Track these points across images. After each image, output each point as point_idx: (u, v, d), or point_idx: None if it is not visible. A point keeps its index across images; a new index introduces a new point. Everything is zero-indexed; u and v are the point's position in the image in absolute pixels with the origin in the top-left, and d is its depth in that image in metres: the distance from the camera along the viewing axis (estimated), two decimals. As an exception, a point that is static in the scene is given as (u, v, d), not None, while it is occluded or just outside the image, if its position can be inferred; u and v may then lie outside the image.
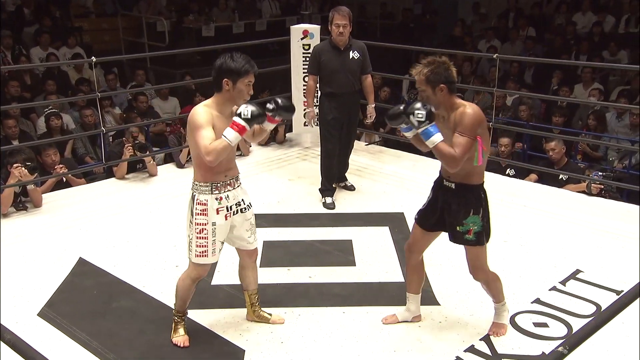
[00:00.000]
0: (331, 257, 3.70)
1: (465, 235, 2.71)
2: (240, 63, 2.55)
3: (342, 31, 4.24)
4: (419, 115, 2.52)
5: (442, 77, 2.57)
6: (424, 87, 2.59)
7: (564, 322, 2.99)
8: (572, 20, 9.65)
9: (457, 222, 2.70)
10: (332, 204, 4.43)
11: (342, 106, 4.39)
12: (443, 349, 2.82)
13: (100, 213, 4.30)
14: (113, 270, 3.53)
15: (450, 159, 2.55)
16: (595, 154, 6.37)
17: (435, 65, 2.58)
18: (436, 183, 2.81)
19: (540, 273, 3.45)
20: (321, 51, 4.39)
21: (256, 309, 3.01)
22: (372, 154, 5.59)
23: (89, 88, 7.04)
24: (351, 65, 4.34)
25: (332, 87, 4.37)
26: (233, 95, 2.58)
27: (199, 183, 2.65)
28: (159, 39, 9.31)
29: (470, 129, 2.55)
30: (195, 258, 2.71)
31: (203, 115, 2.53)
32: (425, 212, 2.83)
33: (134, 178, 4.93)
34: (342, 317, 3.08)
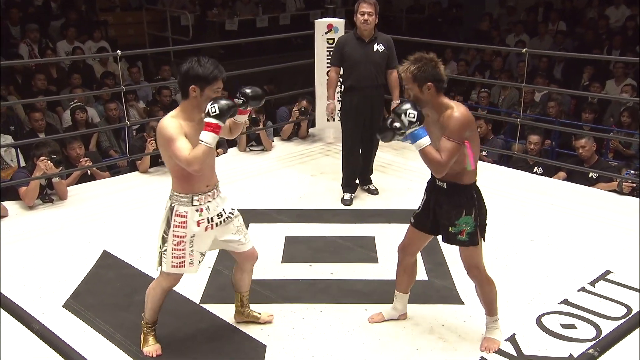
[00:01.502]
0: (353, 254, 3.69)
1: (458, 237, 2.66)
2: (208, 69, 2.41)
3: (367, 19, 4.16)
4: (410, 114, 2.45)
5: (429, 75, 2.49)
6: (411, 85, 2.53)
7: (593, 324, 2.94)
8: (604, 14, 9.44)
9: (449, 222, 2.66)
10: (349, 200, 4.39)
11: (364, 101, 4.29)
12: (467, 348, 2.80)
13: (124, 206, 4.36)
14: (136, 263, 3.58)
15: (436, 165, 2.51)
16: (627, 152, 6.24)
17: (423, 63, 2.51)
18: (429, 183, 2.76)
19: (569, 273, 3.39)
20: (345, 42, 4.33)
21: (245, 309, 2.98)
22: (396, 150, 5.56)
23: (114, 82, 7.14)
24: (375, 57, 4.25)
25: (353, 80, 4.28)
26: (200, 102, 2.44)
27: (179, 194, 2.55)
28: (182, 33, 9.38)
29: (458, 134, 2.48)
30: (172, 269, 2.62)
31: (172, 126, 2.42)
32: (420, 215, 2.79)
33: (157, 172, 4.99)
34: (364, 314, 3.07)
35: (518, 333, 2.88)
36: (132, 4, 10.26)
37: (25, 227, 4.02)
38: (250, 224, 4.07)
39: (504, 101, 7.78)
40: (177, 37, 9.31)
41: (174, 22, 9.69)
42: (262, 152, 5.47)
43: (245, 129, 5.37)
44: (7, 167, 5.37)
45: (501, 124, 7.01)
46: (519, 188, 4.60)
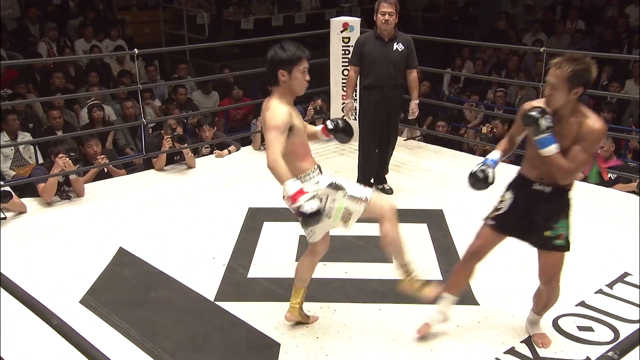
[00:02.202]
0: (367, 253, 3.69)
1: (555, 241, 2.58)
2: (291, 51, 2.50)
3: (387, 19, 4.15)
4: (548, 119, 2.41)
5: (583, 80, 2.39)
6: (562, 84, 2.38)
7: (611, 327, 2.91)
8: (624, 12, 9.32)
9: (547, 226, 2.58)
10: None
11: (383, 100, 4.28)
12: (482, 349, 2.78)
13: (140, 204, 4.40)
14: (152, 260, 3.61)
15: (563, 172, 2.47)
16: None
17: (583, 66, 2.38)
18: (518, 186, 2.66)
19: (586, 275, 3.36)
20: (364, 41, 4.30)
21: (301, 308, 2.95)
22: (411, 149, 5.54)
23: (130, 80, 7.20)
24: (394, 57, 4.24)
25: (371, 79, 4.27)
26: (291, 85, 2.53)
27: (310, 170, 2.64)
28: (198, 32, 9.42)
29: (593, 147, 2.46)
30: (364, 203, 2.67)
31: (285, 115, 2.46)
32: (505, 217, 2.66)
33: (172, 170, 5.03)
34: (378, 314, 3.07)
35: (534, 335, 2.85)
36: (148, 2, 10.34)
37: (43, 224, 4.07)
38: (264, 222, 4.09)
39: (520, 101, 7.71)
40: (193, 35, 9.36)
41: (190, 20, 9.73)
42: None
43: (260, 127, 5.39)
44: (25, 164, 5.44)
45: (518, 124, 6.94)
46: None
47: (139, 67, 8.02)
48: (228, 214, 4.23)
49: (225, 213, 4.25)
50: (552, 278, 2.67)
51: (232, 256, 3.66)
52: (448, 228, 3.98)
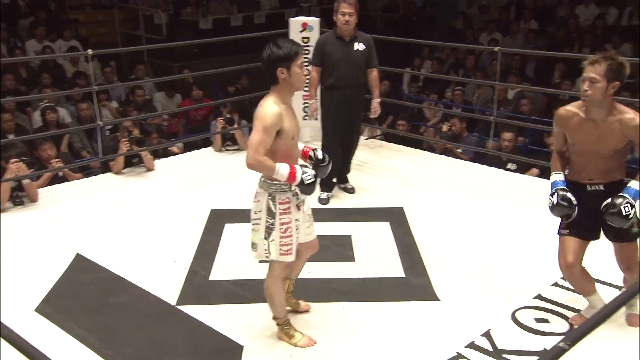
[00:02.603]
0: (330, 253, 3.70)
1: (633, 229, 2.68)
2: (287, 47, 2.49)
3: (347, 19, 4.15)
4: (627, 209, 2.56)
5: (621, 76, 2.54)
6: (601, 78, 2.52)
7: (565, 318, 3.00)
8: (574, 12, 9.63)
9: None
10: (326, 199, 4.39)
11: (345, 100, 4.28)
12: (444, 344, 2.83)
13: (97, 208, 4.30)
14: (110, 265, 3.53)
15: None
16: None
17: (619, 62, 2.54)
18: (574, 191, 2.72)
19: (542, 268, 3.45)
20: (325, 41, 4.30)
21: (290, 297, 3.01)
22: (372, 148, 5.59)
23: (86, 81, 7.03)
24: (355, 57, 4.25)
25: (333, 79, 4.27)
26: (291, 81, 2.52)
27: (278, 182, 2.56)
28: (156, 32, 9.28)
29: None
30: (280, 257, 2.64)
31: (275, 117, 2.46)
32: (579, 223, 2.73)
33: (130, 173, 4.93)
34: (342, 313, 3.08)
35: (493, 328, 2.92)
36: (103, 2, 10.12)
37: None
38: (226, 224, 4.05)
39: (478, 99, 7.88)
40: (151, 36, 9.22)
41: (147, 20, 9.58)
42: (238, 152, 5.45)
43: (221, 128, 5.35)
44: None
45: (475, 122, 7.10)
46: (493, 184, 4.67)
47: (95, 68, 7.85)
48: (189, 216, 4.18)
49: (186, 215, 4.20)
50: (632, 264, 2.77)
51: (194, 259, 3.62)
52: (409, 226, 4.04)
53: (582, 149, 2.69)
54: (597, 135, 2.62)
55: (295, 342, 2.79)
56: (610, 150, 2.64)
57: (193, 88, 7.28)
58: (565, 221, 2.77)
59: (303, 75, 2.56)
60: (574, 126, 2.69)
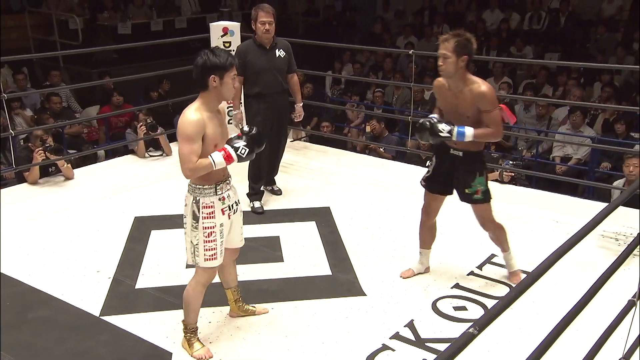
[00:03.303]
0: (259, 254, 3.68)
1: (474, 196, 3.06)
2: (223, 57, 2.49)
3: (267, 28, 4.13)
4: (443, 130, 2.90)
5: (468, 49, 2.83)
6: (450, 54, 2.81)
7: (481, 305, 3.14)
8: (481, 17, 10.11)
9: (465, 185, 3.05)
10: (260, 208, 4.32)
11: (271, 107, 4.24)
12: (370, 337, 2.88)
13: (12, 220, 4.04)
14: (28, 279, 3.34)
15: (493, 135, 2.95)
16: (506, 144, 6.71)
17: (465, 37, 2.83)
18: (439, 151, 3.10)
19: (459, 259, 3.60)
20: (246, 50, 4.22)
21: (240, 304, 3.00)
22: (298, 150, 5.61)
23: (-4, 89, 6.60)
24: (278, 64, 4.25)
25: (259, 87, 4.21)
26: (221, 91, 2.52)
27: (202, 186, 2.56)
28: (71, 37, 8.85)
29: (493, 103, 2.88)
30: (205, 262, 2.62)
31: (195, 125, 2.45)
32: (431, 179, 3.17)
33: (47, 183, 4.68)
34: (270, 313, 3.07)
35: (416, 318, 3.02)
36: (12, 6, 9.52)
37: None
38: (152, 231, 3.94)
39: (397, 100, 8.10)
40: (66, 41, 8.78)
41: (62, 25, 9.11)
42: (162, 157, 5.31)
43: (143, 134, 5.19)
44: None
45: (395, 122, 7.29)
46: (413, 181, 4.80)
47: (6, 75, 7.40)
48: (112, 224, 4.03)
49: (109, 224, 4.04)
50: (486, 221, 3.19)
51: (119, 268, 3.49)
52: (335, 224, 4.09)
53: (447, 115, 3.03)
54: (455, 103, 2.96)
55: (192, 352, 2.74)
56: (465, 118, 2.93)
57: (113, 94, 7.01)
58: (425, 175, 3.21)
59: (233, 88, 2.57)
60: (441, 95, 3.05)
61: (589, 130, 6.50)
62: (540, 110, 6.90)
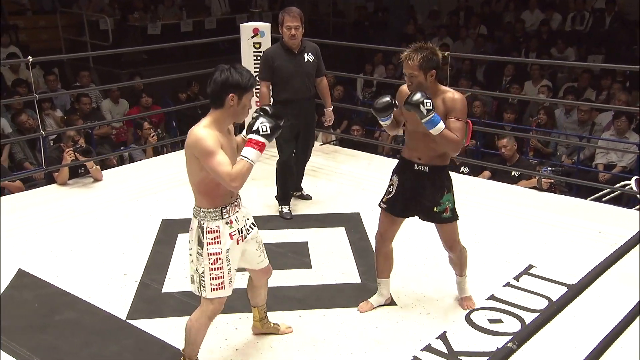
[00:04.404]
0: (286, 260, 3.69)
1: (443, 214, 2.90)
2: (246, 76, 2.36)
3: (294, 33, 4.05)
4: (427, 104, 2.64)
5: (433, 63, 2.73)
6: (417, 72, 2.71)
7: (518, 317, 3.08)
8: (520, 18, 9.96)
9: (434, 203, 2.87)
10: (288, 213, 4.30)
11: (299, 113, 4.18)
12: (400, 349, 2.85)
13: (41, 221, 4.15)
14: (55, 280, 3.41)
15: (455, 144, 2.72)
16: (545, 150, 6.60)
17: (429, 52, 2.72)
18: (401, 168, 2.93)
19: (494, 269, 3.54)
20: (273, 55, 4.16)
21: (265, 322, 2.92)
22: (327, 154, 5.61)
23: (27, 89, 6.79)
24: (307, 68, 4.19)
25: (288, 93, 4.15)
26: (237, 111, 2.38)
27: (207, 210, 2.42)
28: (102, 38, 9.07)
29: (463, 113, 2.75)
30: (212, 292, 2.46)
31: (210, 139, 2.29)
32: (394, 200, 2.94)
33: (77, 184, 4.78)
34: (298, 321, 3.07)
35: (448, 330, 2.97)
36: (44, 7, 9.80)
37: None
38: (179, 234, 3.98)
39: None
40: (96, 42, 8.99)
41: (93, 26, 9.34)
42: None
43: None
44: None
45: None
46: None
47: (37, 75, 7.60)
48: (139, 227, 4.09)
49: (136, 227, 4.10)
50: (453, 244, 3.01)
51: (145, 271, 3.54)
52: (365, 230, 4.06)
53: (412, 128, 2.86)
54: None
55: None
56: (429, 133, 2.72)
57: (142, 95, 7.14)
58: (385, 196, 2.98)
59: (248, 109, 2.43)
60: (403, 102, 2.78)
61: (635, 136, 6.33)
62: (582, 116, 6.76)
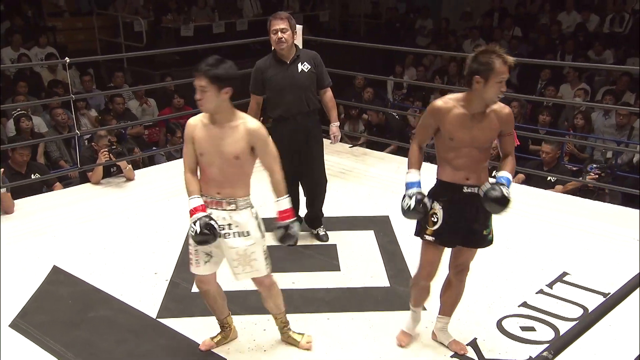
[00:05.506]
0: (315, 262, 3.70)
1: (489, 237, 2.68)
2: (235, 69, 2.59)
3: (281, 37, 3.60)
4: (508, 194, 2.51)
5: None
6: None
7: (551, 326, 3.03)
8: (556, 19, 9.79)
9: (484, 226, 2.64)
10: (325, 235, 4.00)
11: (297, 130, 3.73)
12: (430, 355, 2.84)
13: (75, 219, 4.25)
14: (89, 278, 3.49)
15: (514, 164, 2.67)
16: (582, 155, 6.45)
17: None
18: (444, 193, 2.61)
19: (527, 276, 3.49)
20: (264, 67, 3.75)
21: (284, 332, 2.91)
22: (357, 156, 5.61)
23: (63, 90, 6.97)
24: (301, 79, 3.70)
25: (280, 109, 3.74)
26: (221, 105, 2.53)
27: None
28: (136, 39, 9.24)
29: (512, 126, 2.62)
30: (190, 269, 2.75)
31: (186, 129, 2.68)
32: (442, 229, 2.60)
33: (110, 183, 4.89)
34: (326, 324, 3.08)
35: (479, 337, 2.94)
36: (82, 9, 10.05)
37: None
38: (208, 235, 4.02)
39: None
40: (131, 43, 9.18)
41: (127, 28, 9.53)
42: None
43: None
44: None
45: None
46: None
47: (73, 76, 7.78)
48: (170, 226, 4.15)
49: (167, 226, 4.17)
50: (468, 268, 2.77)
51: (175, 270, 3.59)
52: (394, 234, 4.05)
53: (459, 145, 2.54)
54: (475, 134, 2.51)
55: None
56: (480, 150, 2.55)
57: (174, 96, 7.25)
58: (428, 227, 2.63)
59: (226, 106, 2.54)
60: (453, 120, 2.52)
61: (675, 141, 6.16)
62: (621, 120, 6.59)
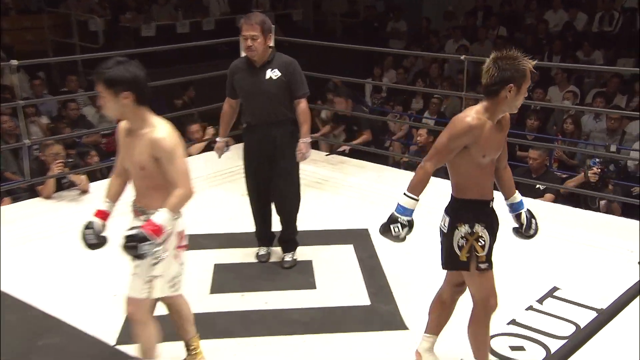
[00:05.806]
0: (289, 280, 3.70)
1: None
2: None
3: (250, 44, 3.55)
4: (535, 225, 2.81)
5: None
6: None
7: (542, 344, 3.07)
8: (543, 18, 10.00)
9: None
10: (265, 255, 3.96)
11: (264, 140, 3.69)
12: (414, 378, 2.84)
13: (24, 237, 4.17)
14: (40, 303, 3.43)
15: None
16: (571, 162, 6.57)
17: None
18: (482, 213, 2.69)
19: (516, 291, 3.52)
20: (235, 68, 3.75)
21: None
22: (334, 165, 5.63)
23: (11, 95, 6.85)
24: (268, 87, 3.63)
25: (248, 116, 3.76)
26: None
27: None
28: (91, 40, 9.16)
29: None
30: None
31: None
32: (489, 251, 2.70)
33: (63, 197, 4.81)
34: (302, 346, 3.08)
35: (466, 358, 2.95)
36: (30, 6, 9.92)
37: None
38: (172, 252, 3.99)
39: (446, 110, 8.05)
40: (86, 44, 9.08)
41: (81, 27, 9.44)
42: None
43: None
44: None
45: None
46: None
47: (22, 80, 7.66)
48: (130, 244, 4.09)
49: (126, 243, 4.11)
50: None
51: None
52: (375, 248, 4.07)
53: (490, 159, 2.61)
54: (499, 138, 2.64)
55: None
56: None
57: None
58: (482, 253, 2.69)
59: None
60: (487, 136, 2.54)
61: (669, 146, 6.32)
62: (612, 124, 6.75)
